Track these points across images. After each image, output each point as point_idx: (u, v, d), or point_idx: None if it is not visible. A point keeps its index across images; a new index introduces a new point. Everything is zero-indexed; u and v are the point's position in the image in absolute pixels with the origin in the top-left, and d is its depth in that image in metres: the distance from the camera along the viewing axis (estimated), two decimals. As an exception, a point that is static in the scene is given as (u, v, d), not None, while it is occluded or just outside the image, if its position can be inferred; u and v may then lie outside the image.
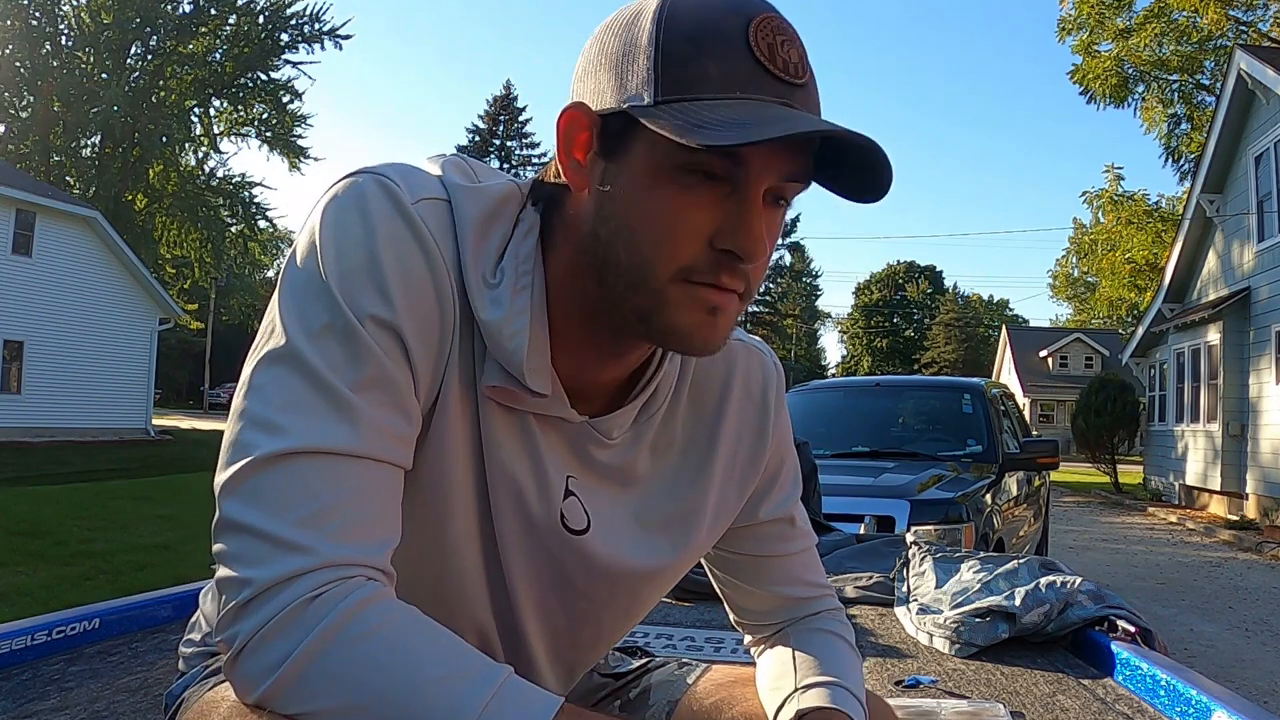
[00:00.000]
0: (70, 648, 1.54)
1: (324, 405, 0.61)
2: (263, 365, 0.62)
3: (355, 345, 0.62)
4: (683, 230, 0.63)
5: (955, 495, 4.06)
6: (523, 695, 0.59)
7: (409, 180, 0.67)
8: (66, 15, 24.21)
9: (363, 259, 0.63)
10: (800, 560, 0.92)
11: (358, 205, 0.64)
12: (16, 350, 17.72)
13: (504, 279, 0.67)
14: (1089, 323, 40.24)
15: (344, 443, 0.61)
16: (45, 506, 8.89)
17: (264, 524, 0.59)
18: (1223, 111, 12.59)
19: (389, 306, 0.63)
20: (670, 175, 0.62)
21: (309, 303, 0.62)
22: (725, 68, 0.61)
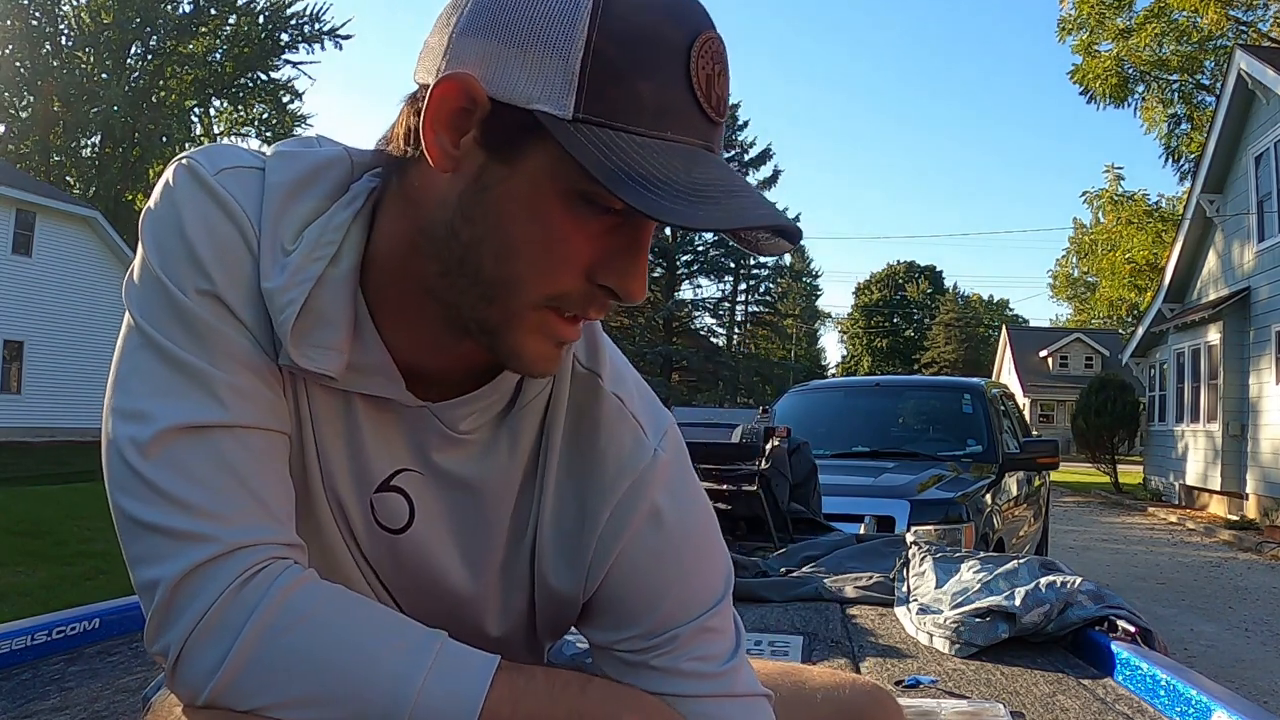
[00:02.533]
0: (70, 648, 1.54)
1: (183, 383, 0.59)
2: (121, 360, 0.62)
3: (195, 323, 0.60)
4: (565, 258, 0.57)
5: (955, 495, 4.06)
6: (461, 658, 0.59)
7: (211, 155, 0.64)
8: (66, 15, 24.21)
9: (176, 240, 0.61)
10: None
11: (166, 193, 0.63)
12: (16, 350, 17.72)
13: (299, 246, 0.62)
14: (1089, 323, 40.22)
15: (211, 415, 0.59)
16: (45, 506, 8.89)
17: (156, 518, 0.57)
18: (1223, 111, 12.59)
19: (207, 279, 0.60)
20: (564, 197, 0.56)
21: (147, 294, 0.61)
22: (660, 95, 0.54)
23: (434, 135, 0.57)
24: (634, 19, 0.54)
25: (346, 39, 26.10)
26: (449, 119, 0.56)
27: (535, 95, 0.54)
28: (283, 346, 0.61)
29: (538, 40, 0.54)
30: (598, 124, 0.53)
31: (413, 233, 0.61)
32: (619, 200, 0.52)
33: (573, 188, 0.55)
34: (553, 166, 0.55)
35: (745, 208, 0.54)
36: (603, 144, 0.53)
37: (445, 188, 0.58)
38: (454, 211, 0.58)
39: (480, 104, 0.55)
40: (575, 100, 0.53)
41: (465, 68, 0.55)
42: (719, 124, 0.57)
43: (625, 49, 0.53)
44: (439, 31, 0.59)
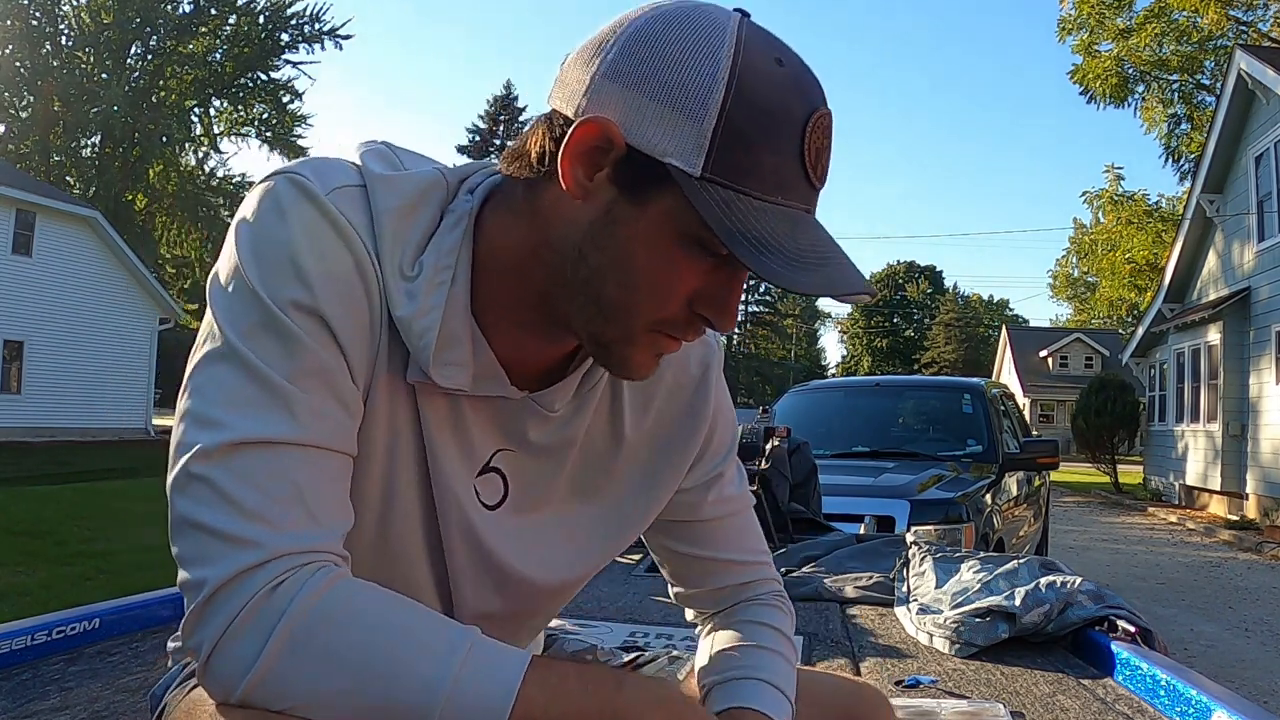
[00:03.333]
0: (70, 648, 1.54)
1: (261, 397, 0.61)
2: (200, 366, 0.63)
3: (285, 337, 0.62)
4: (674, 291, 0.65)
5: (955, 495, 4.05)
6: (492, 655, 0.60)
7: (321, 172, 0.66)
8: (66, 15, 24.21)
9: (280, 252, 0.62)
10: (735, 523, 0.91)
11: (273, 204, 0.64)
12: (16, 350, 17.72)
13: (423, 272, 0.66)
14: (1089, 323, 40.22)
15: (284, 432, 0.61)
16: (45, 506, 8.89)
17: (212, 520, 0.59)
18: (1223, 111, 12.59)
19: (309, 292, 0.62)
20: (681, 240, 0.63)
21: (237, 303, 0.63)
22: (777, 165, 0.61)
23: (571, 166, 0.63)
24: (763, 94, 0.60)
25: (346, 39, 26.13)
26: (587, 155, 0.62)
27: (669, 149, 0.60)
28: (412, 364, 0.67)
29: (677, 102, 0.60)
30: (721, 184, 0.60)
31: (535, 245, 0.67)
32: (736, 257, 0.59)
33: (689, 233, 0.62)
34: (675, 213, 0.61)
35: (837, 277, 0.62)
36: (724, 203, 0.60)
37: (575, 213, 0.65)
38: (583, 236, 0.64)
39: (617, 147, 0.61)
40: (704, 161, 0.60)
41: (607, 111, 0.62)
42: (818, 189, 0.65)
43: (753, 121, 0.60)
44: (581, 67, 0.64)
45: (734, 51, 0.60)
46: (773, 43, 0.63)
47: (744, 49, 0.61)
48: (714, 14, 0.63)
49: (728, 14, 0.63)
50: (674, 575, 0.94)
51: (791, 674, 0.85)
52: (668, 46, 0.61)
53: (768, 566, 0.94)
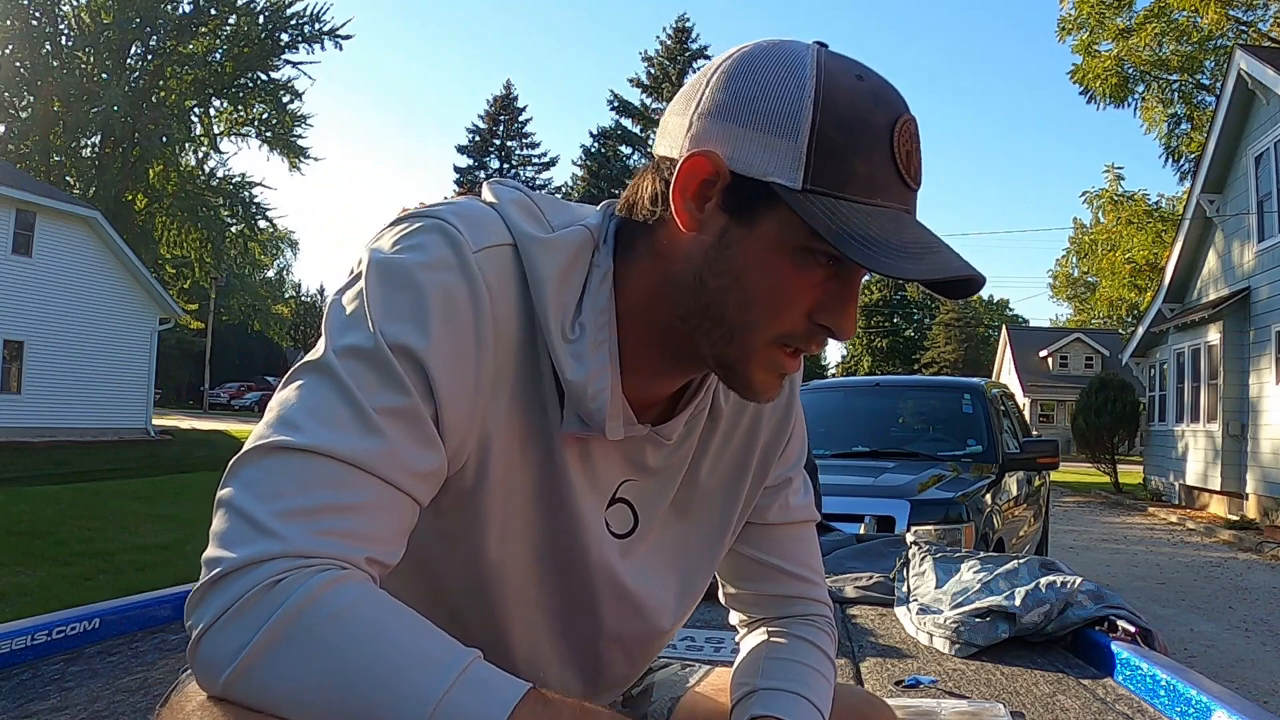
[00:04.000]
0: (70, 648, 1.54)
1: (346, 418, 0.62)
2: (298, 373, 0.65)
3: (387, 373, 0.63)
4: (792, 303, 0.68)
5: (955, 495, 4.06)
6: (487, 681, 0.57)
7: (472, 225, 0.68)
8: (66, 15, 24.20)
9: (411, 300, 0.64)
10: (796, 533, 0.94)
11: (418, 250, 0.66)
12: (16, 350, 17.71)
13: (583, 334, 0.70)
14: (1089, 323, 40.21)
15: (357, 454, 0.61)
16: (45, 506, 8.89)
17: (249, 507, 0.59)
18: (1223, 111, 12.59)
19: (425, 346, 0.64)
20: (793, 253, 0.66)
21: (352, 325, 0.65)
22: (870, 170, 0.65)
23: (682, 200, 0.68)
24: (848, 108, 0.65)
25: (346, 39, 26.11)
26: (696, 188, 0.67)
27: (770, 169, 0.65)
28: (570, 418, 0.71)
29: (771, 125, 0.65)
30: (822, 194, 0.64)
31: (658, 283, 0.71)
32: (846, 257, 0.63)
33: (800, 245, 0.66)
34: (784, 228, 0.65)
35: (943, 262, 0.65)
36: (828, 211, 0.64)
37: (690, 245, 0.69)
38: (701, 265, 0.69)
39: (722, 176, 0.66)
40: (804, 174, 0.64)
41: (708, 146, 0.67)
42: (915, 191, 0.68)
43: (842, 133, 0.64)
44: (679, 114, 0.70)
45: (816, 73, 0.65)
46: (851, 63, 0.68)
47: (825, 70, 0.66)
48: (794, 46, 0.68)
49: (806, 45, 0.68)
50: (728, 574, 0.96)
51: (828, 697, 0.87)
52: (756, 78, 0.67)
53: (821, 589, 0.96)
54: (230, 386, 45.98)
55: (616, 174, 30.93)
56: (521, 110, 34.75)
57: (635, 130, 31.42)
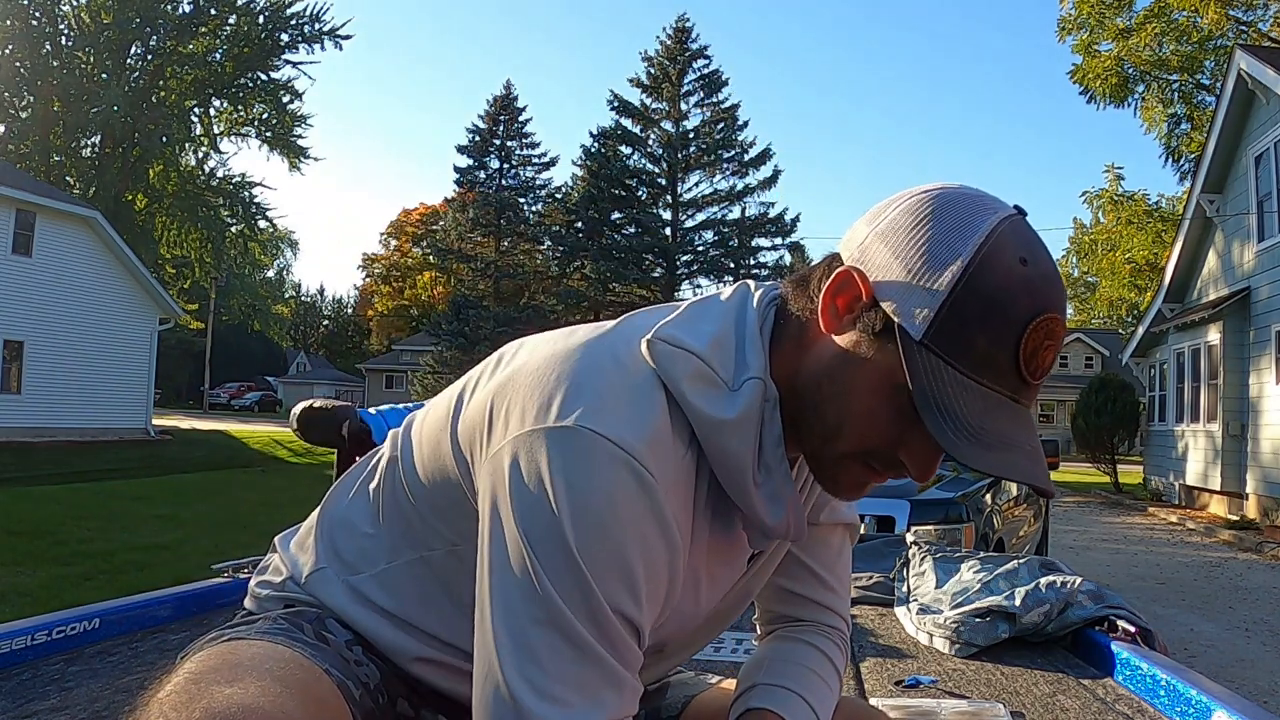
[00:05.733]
0: (70, 648, 1.54)
1: (595, 678, 0.67)
2: (529, 625, 0.67)
3: (611, 631, 0.68)
4: (883, 431, 0.72)
5: (955, 495, 4.06)
6: None
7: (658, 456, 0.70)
8: (66, 15, 24.20)
9: (619, 563, 0.68)
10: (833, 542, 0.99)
11: (610, 492, 0.67)
12: (16, 350, 17.71)
13: (769, 477, 0.76)
14: (1089, 323, 40.21)
15: (613, 715, 0.67)
16: (45, 506, 8.90)
17: None
18: (1223, 111, 12.59)
19: (636, 605, 0.69)
20: (895, 389, 0.70)
21: (570, 583, 0.67)
22: (990, 352, 0.67)
23: (829, 304, 0.73)
24: (993, 284, 0.67)
25: (346, 39, 26.11)
26: (842, 297, 0.73)
27: (902, 311, 0.69)
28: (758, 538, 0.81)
29: (919, 272, 0.69)
30: (934, 353, 0.68)
31: (792, 374, 0.76)
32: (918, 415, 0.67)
33: (904, 385, 0.68)
34: (895, 366, 0.69)
35: (1010, 462, 0.67)
36: (931, 369, 0.67)
37: (824, 346, 0.74)
38: (825, 365, 0.74)
39: (866, 296, 0.71)
40: (927, 329, 0.68)
41: (867, 264, 0.72)
42: (1032, 385, 0.70)
43: (977, 306, 0.67)
44: (864, 224, 0.75)
45: (983, 241, 0.68)
46: (1027, 243, 0.69)
47: (994, 241, 0.68)
48: (984, 203, 0.71)
49: (998, 207, 0.71)
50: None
51: (829, 704, 0.92)
52: (930, 222, 0.70)
53: (842, 601, 1.01)
54: (230, 386, 45.99)
55: (616, 174, 30.91)
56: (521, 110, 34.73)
57: (635, 130, 31.38)
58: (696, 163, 31.26)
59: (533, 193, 34.16)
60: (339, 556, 0.91)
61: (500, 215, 32.18)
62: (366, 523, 0.91)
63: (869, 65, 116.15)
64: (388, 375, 46.06)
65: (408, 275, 54.87)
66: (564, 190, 33.73)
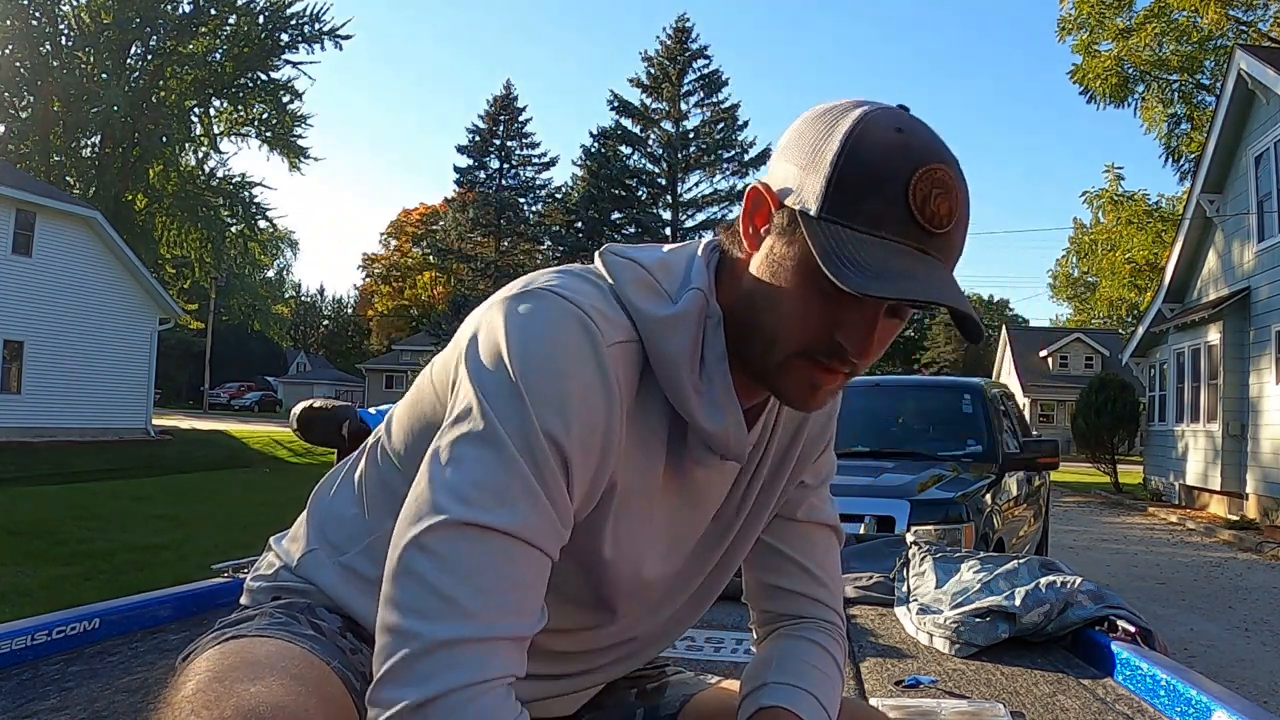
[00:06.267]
0: (70, 648, 1.54)
1: (515, 494, 0.71)
2: (461, 442, 0.72)
3: (540, 454, 0.71)
4: (812, 321, 0.75)
5: (955, 495, 4.05)
6: None
7: (605, 321, 0.76)
8: (66, 15, 24.20)
9: (555, 387, 0.72)
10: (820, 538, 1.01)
11: (558, 330, 0.74)
12: (16, 350, 17.71)
13: (711, 386, 0.80)
14: (1089, 323, 40.20)
15: (527, 530, 0.70)
16: (45, 506, 8.90)
17: (441, 584, 0.68)
18: (1223, 111, 12.59)
19: (566, 436, 0.72)
20: (814, 278, 0.73)
21: (503, 395, 0.72)
22: (881, 208, 0.72)
23: (746, 225, 0.79)
24: (874, 152, 0.72)
25: (346, 39, 26.11)
26: (754, 213, 0.79)
27: (799, 200, 0.75)
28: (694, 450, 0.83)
29: (805, 162, 0.75)
30: (832, 222, 0.72)
31: (733, 305, 0.80)
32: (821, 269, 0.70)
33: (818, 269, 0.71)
34: (807, 251, 0.73)
35: (915, 289, 0.70)
36: (832, 235, 0.72)
37: (751, 265, 0.79)
38: (754, 283, 0.78)
39: (774, 204, 0.77)
40: (820, 205, 0.73)
41: (771, 179, 0.79)
42: (936, 232, 0.73)
43: (862, 174, 0.72)
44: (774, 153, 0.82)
45: (856, 121, 0.74)
46: (900, 119, 0.75)
47: (866, 120, 0.74)
48: (859, 102, 0.77)
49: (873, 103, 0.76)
50: (749, 561, 1.02)
51: (836, 701, 0.94)
52: (812, 124, 0.77)
53: (836, 598, 1.02)
54: (230, 386, 45.98)
55: (616, 174, 30.92)
56: (521, 110, 34.74)
57: (635, 130, 31.39)
58: (696, 163, 31.27)
59: (533, 193, 34.17)
60: (328, 541, 0.93)
61: (500, 215, 32.18)
62: (351, 505, 0.93)
63: (871, 65, 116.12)
64: (388, 375, 46.08)
65: (408, 275, 54.88)
66: (564, 190, 33.74)
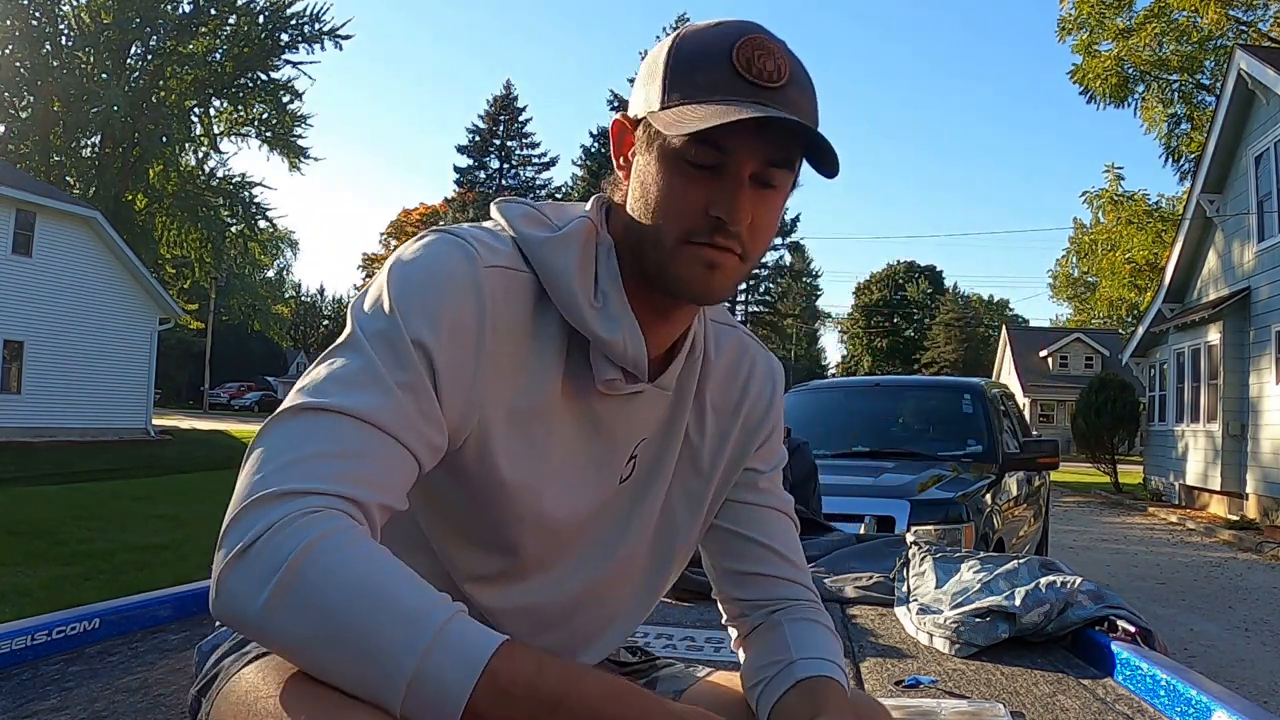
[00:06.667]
0: (70, 648, 1.54)
1: (363, 383, 0.73)
2: (326, 352, 0.77)
3: (401, 354, 0.74)
4: (685, 204, 0.79)
5: (955, 495, 4.06)
6: (470, 631, 0.64)
7: (486, 247, 0.81)
8: (66, 15, 24.20)
9: (427, 301, 0.76)
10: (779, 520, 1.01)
11: (435, 256, 0.79)
12: (16, 350, 17.71)
13: (607, 300, 0.83)
14: (1089, 323, 40.19)
15: (369, 412, 0.71)
16: (45, 506, 8.90)
17: (278, 455, 0.69)
18: (1223, 111, 12.59)
19: (436, 340, 0.75)
20: (677, 164, 0.79)
21: (374, 314, 0.76)
22: (711, 78, 0.78)
23: (618, 158, 0.86)
24: (693, 44, 0.80)
25: (346, 39, 26.10)
26: (621, 144, 0.85)
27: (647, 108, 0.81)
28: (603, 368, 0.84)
29: (648, 77, 0.83)
30: (673, 105, 0.79)
31: (625, 233, 0.84)
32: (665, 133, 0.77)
33: (677, 155, 0.78)
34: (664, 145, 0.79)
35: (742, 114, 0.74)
36: (673, 114, 0.78)
37: (628, 190, 0.84)
38: (631, 199, 0.83)
39: (630, 127, 0.84)
40: (661, 100, 0.80)
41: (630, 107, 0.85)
42: (770, 86, 0.78)
43: (689, 60, 0.80)
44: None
45: (680, 32, 0.82)
46: (724, 20, 0.81)
47: (688, 27, 0.82)
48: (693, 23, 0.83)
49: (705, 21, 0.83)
50: (716, 552, 1.01)
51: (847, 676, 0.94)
52: (650, 53, 0.85)
53: (807, 577, 1.01)
54: (230, 386, 45.96)
55: (616, 174, 30.98)
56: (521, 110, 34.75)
57: (635, 130, 31.45)
58: (696, 163, 31.27)
59: (533, 193, 34.19)
60: None
61: (500, 215, 32.22)
62: None
63: (871, 65, 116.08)
64: (388, 375, 45.88)
65: (408, 275, 54.55)
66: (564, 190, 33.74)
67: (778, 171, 0.80)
